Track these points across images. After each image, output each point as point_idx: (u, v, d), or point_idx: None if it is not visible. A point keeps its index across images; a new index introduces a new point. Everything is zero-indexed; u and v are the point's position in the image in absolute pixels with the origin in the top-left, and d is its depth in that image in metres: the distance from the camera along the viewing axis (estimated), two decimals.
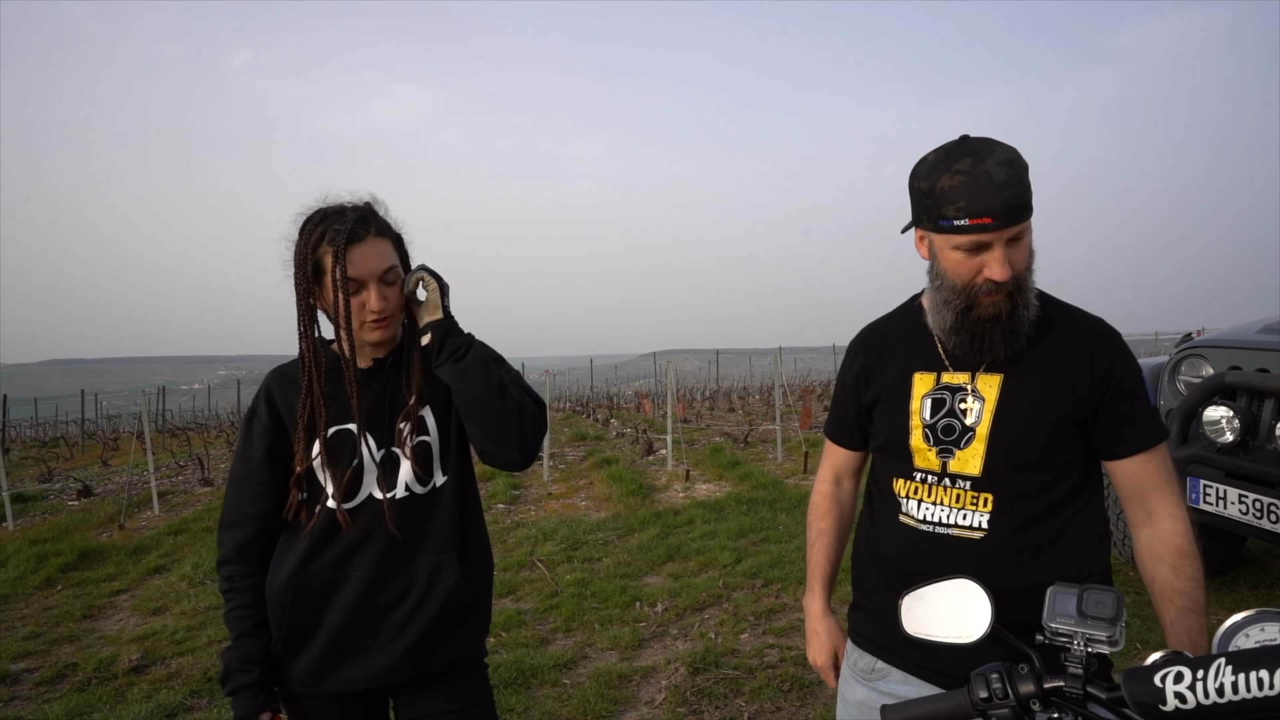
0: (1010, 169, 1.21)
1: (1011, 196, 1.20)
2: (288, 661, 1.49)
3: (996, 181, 1.20)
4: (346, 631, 1.46)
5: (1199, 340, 3.86)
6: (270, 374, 1.56)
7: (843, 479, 1.60)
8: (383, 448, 1.48)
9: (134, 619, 4.89)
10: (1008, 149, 1.23)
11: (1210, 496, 3.31)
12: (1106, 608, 1.00)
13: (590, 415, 19.76)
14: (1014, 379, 1.31)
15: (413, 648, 1.47)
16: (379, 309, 1.43)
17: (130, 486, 9.48)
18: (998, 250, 1.23)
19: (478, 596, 1.56)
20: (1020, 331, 1.28)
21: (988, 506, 1.31)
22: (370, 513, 1.47)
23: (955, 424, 1.33)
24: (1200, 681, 0.80)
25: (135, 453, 10.96)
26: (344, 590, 1.46)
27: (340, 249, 1.39)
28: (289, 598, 1.46)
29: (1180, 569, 1.28)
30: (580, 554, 5.69)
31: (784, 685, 3.31)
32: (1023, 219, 1.23)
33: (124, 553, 6.51)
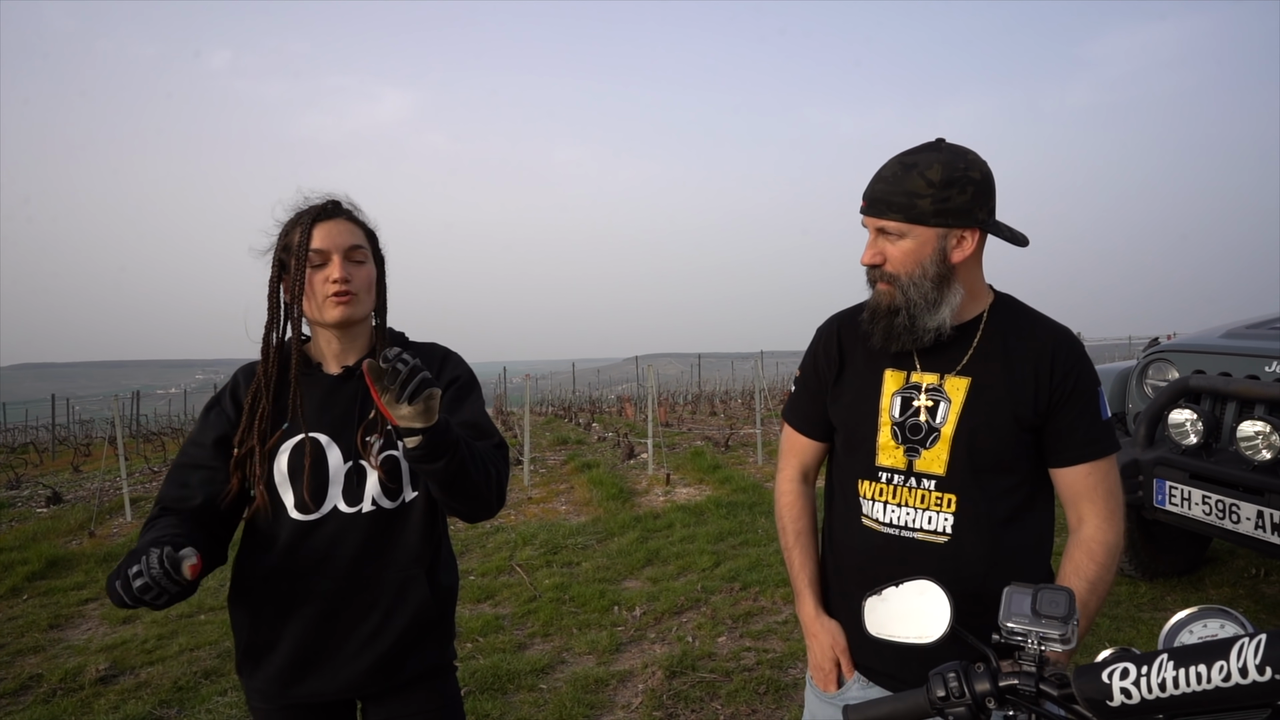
0: (902, 170, 1.27)
1: (883, 191, 1.29)
2: (249, 672, 1.46)
3: (882, 174, 1.30)
4: (311, 644, 1.44)
5: (1165, 345, 3.94)
6: (240, 369, 1.54)
7: (808, 474, 1.59)
8: (349, 459, 1.45)
9: (103, 628, 4.81)
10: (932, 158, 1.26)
11: (1176, 498, 3.38)
12: (1059, 607, 1.03)
13: (572, 419, 19.73)
14: (980, 382, 1.33)
15: (380, 660, 1.45)
16: (340, 277, 1.40)
17: (102, 493, 9.31)
18: (870, 236, 1.33)
19: (445, 607, 1.55)
20: (920, 328, 1.31)
21: (951, 508, 1.33)
22: (335, 525, 1.43)
23: (922, 423, 1.35)
24: (1144, 677, 0.83)
25: (108, 458, 10.77)
26: (306, 603, 1.43)
27: (308, 224, 1.41)
28: (251, 608, 1.44)
29: (1082, 569, 1.31)
30: (559, 558, 5.68)
31: (760, 688, 3.33)
32: (881, 214, 1.29)
33: (94, 560, 6.40)
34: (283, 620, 1.44)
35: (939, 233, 1.28)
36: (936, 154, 1.27)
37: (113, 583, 1.23)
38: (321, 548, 1.43)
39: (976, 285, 1.37)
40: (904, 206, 1.27)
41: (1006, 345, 1.35)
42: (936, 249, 1.28)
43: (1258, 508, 3.05)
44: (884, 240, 1.31)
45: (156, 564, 1.19)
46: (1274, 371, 3.26)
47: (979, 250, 1.34)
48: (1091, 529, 1.33)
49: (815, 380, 1.51)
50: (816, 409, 1.51)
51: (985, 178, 1.28)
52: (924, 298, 1.30)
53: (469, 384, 1.57)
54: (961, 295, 1.32)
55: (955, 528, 1.33)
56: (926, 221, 1.27)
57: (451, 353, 1.62)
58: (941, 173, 1.25)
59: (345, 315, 1.43)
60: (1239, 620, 0.92)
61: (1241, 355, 3.42)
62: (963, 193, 1.26)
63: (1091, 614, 1.30)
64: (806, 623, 1.53)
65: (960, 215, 1.27)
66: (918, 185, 1.26)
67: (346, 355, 1.51)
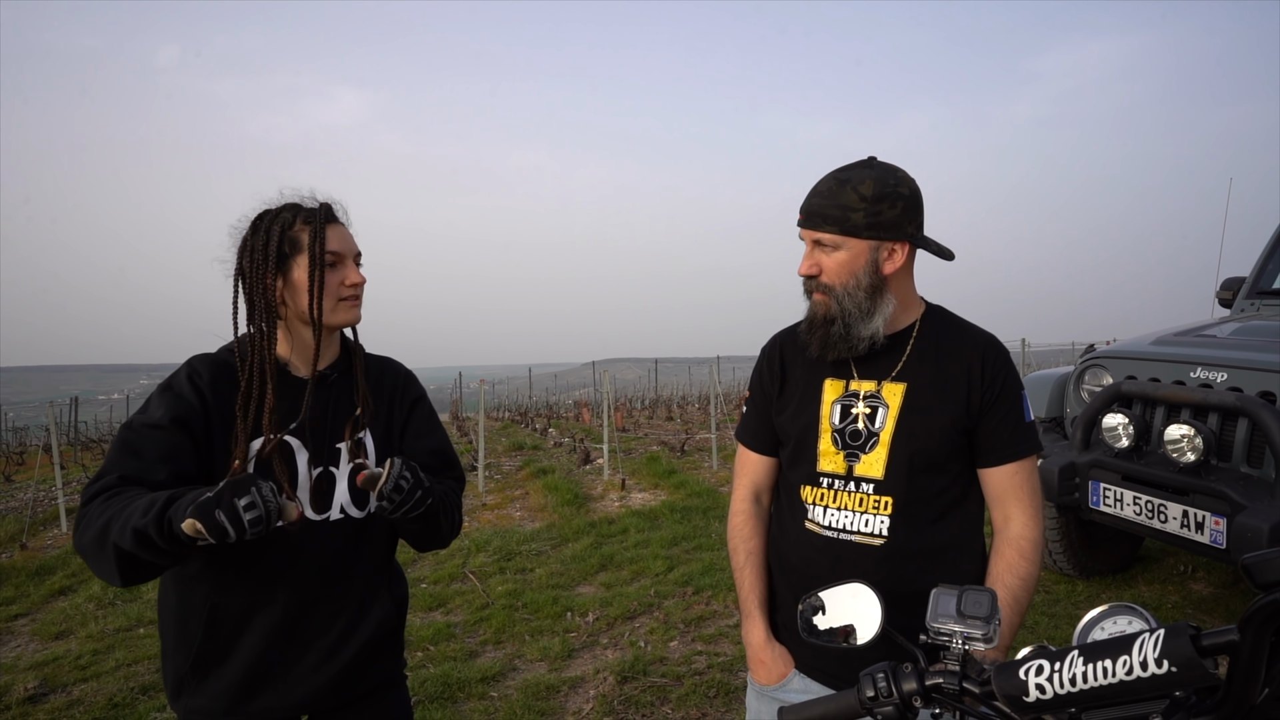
0: (836, 185, 1.33)
1: (818, 205, 1.34)
2: (194, 687, 1.37)
3: (818, 189, 1.35)
4: (267, 657, 1.36)
5: (1100, 351, 4.09)
6: (196, 357, 1.41)
7: (761, 495, 1.60)
8: (318, 465, 1.40)
9: (33, 645, 4.61)
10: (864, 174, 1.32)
11: (1109, 499, 3.51)
12: (983, 607, 1.06)
13: (529, 425, 19.60)
14: (914, 388, 1.39)
15: (339, 675, 1.40)
16: (359, 280, 1.42)
17: (35, 503, 8.94)
18: (807, 248, 1.39)
19: (401, 615, 1.53)
20: (854, 337, 1.37)
21: (887, 510, 1.38)
22: (301, 534, 1.35)
23: (861, 429, 1.40)
24: (1057, 673, 0.86)
25: (42, 467, 10.32)
26: (266, 613, 1.36)
27: (319, 224, 1.39)
28: (205, 617, 1.35)
29: (1015, 567, 1.37)
30: (513, 565, 5.63)
31: (710, 691, 3.35)
32: (816, 226, 1.34)
33: (25, 574, 6.13)
34: (238, 632, 1.36)
35: (871, 245, 1.34)
36: (869, 170, 1.33)
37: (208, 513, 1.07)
38: (285, 555, 1.36)
39: (908, 296, 1.42)
40: (838, 219, 1.32)
41: (938, 352, 1.41)
42: (869, 260, 1.34)
43: (1183, 508, 3.19)
44: (820, 252, 1.37)
45: (271, 496, 1.11)
46: (1198, 377, 3.41)
47: (909, 262, 1.40)
48: (1019, 526, 1.39)
49: (761, 397, 1.55)
50: (765, 425, 1.55)
51: (914, 194, 1.35)
52: (858, 307, 1.35)
53: (429, 406, 1.59)
54: (894, 305, 1.38)
55: (891, 529, 1.37)
56: (859, 234, 1.32)
57: (411, 373, 1.62)
58: (873, 188, 1.31)
59: (357, 318, 1.45)
60: (1144, 616, 0.96)
61: (1169, 361, 3.58)
62: (893, 207, 1.32)
63: (1026, 608, 1.36)
64: (756, 647, 1.51)
65: (891, 229, 1.33)
66: (851, 199, 1.31)
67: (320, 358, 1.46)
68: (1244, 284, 4.58)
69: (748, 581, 1.54)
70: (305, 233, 1.38)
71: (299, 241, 1.38)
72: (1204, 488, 3.13)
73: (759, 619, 1.52)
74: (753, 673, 1.53)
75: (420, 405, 1.58)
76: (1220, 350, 3.50)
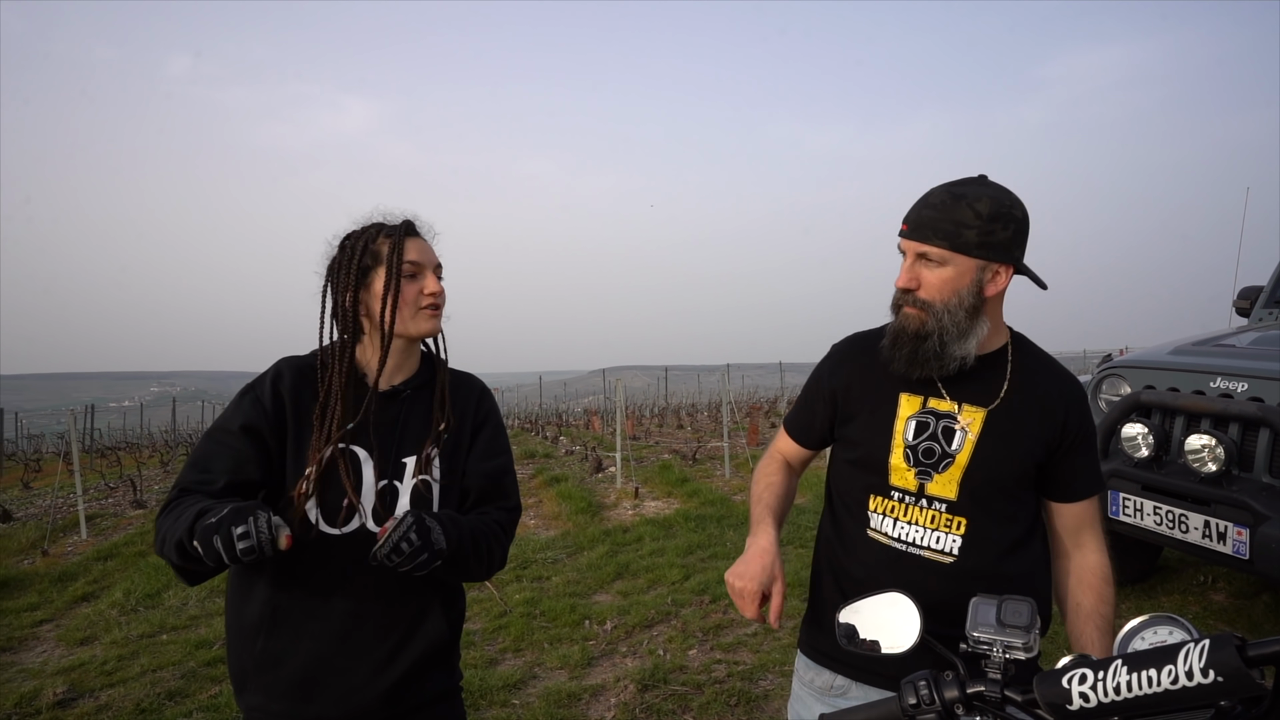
0: (951, 199, 1.31)
1: (930, 217, 1.31)
2: (256, 685, 1.39)
3: (929, 200, 1.33)
4: (324, 663, 1.38)
5: (1118, 361, 4.10)
6: (283, 360, 1.47)
7: (791, 463, 1.63)
8: (383, 479, 1.42)
9: (59, 650, 4.66)
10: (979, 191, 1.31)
11: (1129, 508, 3.52)
12: (1022, 616, 1.09)
13: (539, 432, 19.64)
14: (995, 416, 1.38)
15: (391, 689, 1.41)
16: (437, 290, 1.45)
17: (55, 510, 9.02)
18: (908, 259, 1.36)
19: (456, 634, 1.53)
20: (948, 356, 1.34)
21: (960, 530, 1.37)
22: (361, 543, 1.37)
23: (936, 448, 1.39)
24: (1101, 682, 0.89)
25: (61, 474, 10.44)
26: (324, 619, 1.38)
27: (399, 237, 1.43)
28: (268, 615, 1.38)
29: (1104, 595, 1.40)
30: (529, 573, 5.66)
31: (731, 700, 3.37)
32: (926, 239, 1.32)
33: (48, 580, 6.20)
34: (296, 635, 1.38)
35: (979, 264, 1.31)
36: (984, 188, 1.31)
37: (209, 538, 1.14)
38: (345, 564, 1.38)
39: (998, 320, 1.42)
40: (950, 234, 1.29)
41: (1023, 380, 1.40)
42: (974, 280, 1.32)
43: (1205, 518, 3.19)
44: (922, 265, 1.34)
45: (265, 527, 1.14)
46: (1218, 387, 3.41)
47: (1006, 287, 1.37)
48: (1098, 555, 1.43)
49: (818, 396, 1.54)
50: (812, 421, 1.55)
51: (1025, 218, 1.33)
52: (956, 326, 1.33)
53: (500, 427, 1.57)
54: (988, 328, 1.37)
55: (963, 550, 1.37)
56: (970, 252, 1.30)
57: (487, 391, 1.61)
58: (990, 207, 1.29)
59: (437, 328, 1.48)
60: (1186, 626, 0.99)
61: (1188, 371, 3.58)
62: (1005, 229, 1.30)
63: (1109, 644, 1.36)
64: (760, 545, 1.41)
65: (1000, 250, 1.31)
66: (966, 215, 1.29)
67: (395, 373, 1.49)
68: (1261, 293, 4.58)
69: (763, 499, 1.52)
70: (385, 244, 1.43)
71: (379, 254, 1.43)
72: (1226, 498, 3.13)
73: (769, 524, 1.47)
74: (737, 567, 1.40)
75: (487, 426, 1.56)
76: (1240, 360, 3.50)
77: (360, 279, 1.43)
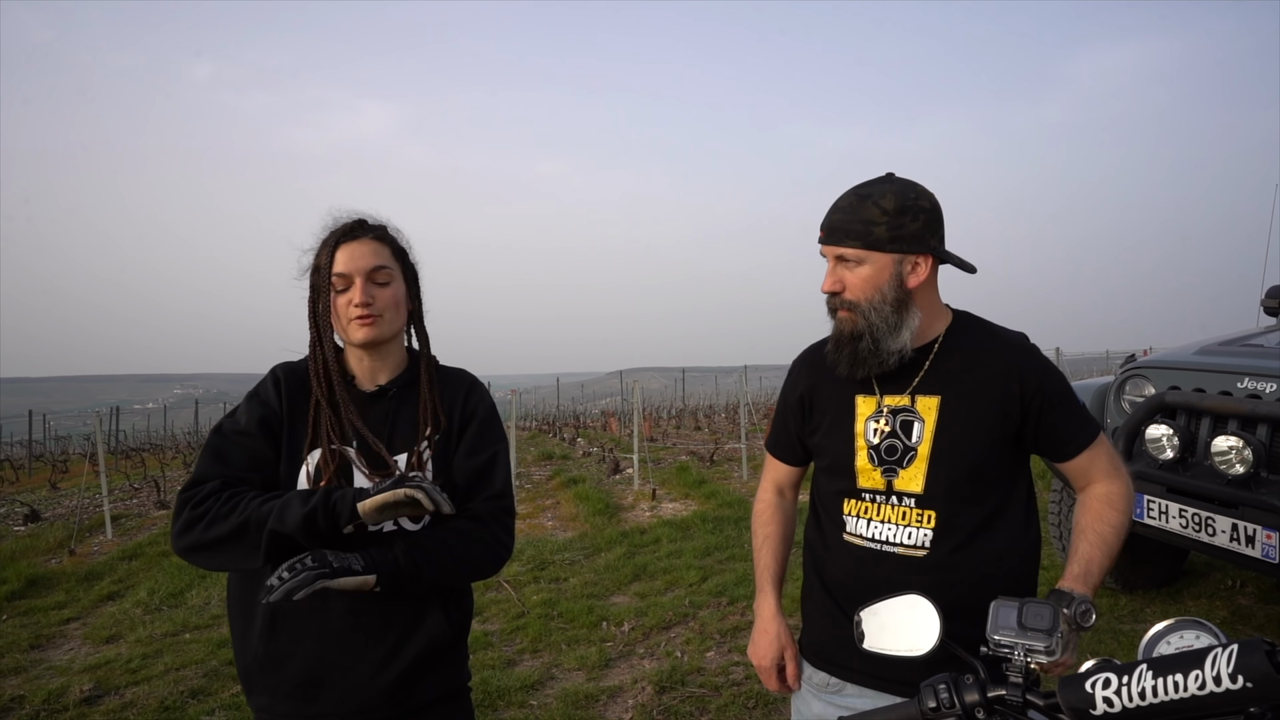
0: (857, 200, 1.35)
1: (840, 220, 1.36)
2: (261, 687, 1.43)
3: (839, 205, 1.37)
4: (325, 663, 1.41)
5: (1142, 361, 4.03)
6: (279, 365, 1.52)
7: (784, 490, 1.66)
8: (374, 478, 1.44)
9: (85, 648, 4.74)
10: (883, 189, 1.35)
11: (1154, 511, 3.46)
12: (1044, 620, 1.08)
13: (556, 434, 19.69)
14: (949, 400, 1.40)
15: (392, 686, 1.43)
16: (360, 300, 1.43)
17: (81, 510, 9.17)
18: (830, 264, 1.40)
19: (459, 634, 1.54)
20: (884, 352, 1.37)
21: (930, 523, 1.39)
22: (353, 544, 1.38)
23: (898, 444, 1.41)
24: (1125, 686, 0.87)
25: (87, 475, 10.62)
26: (322, 620, 1.41)
27: (331, 246, 1.44)
28: (268, 619, 1.41)
29: (1101, 514, 1.40)
30: (547, 574, 5.67)
31: (749, 702, 3.35)
32: (839, 242, 1.36)
33: (74, 579, 6.31)
34: (297, 636, 1.41)
35: (895, 259, 1.35)
36: (889, 185, 1.35)
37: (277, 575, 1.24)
38: None
39: (934, 308, 1.44)
40: (861, 234, 1.34)
41: (968, 360, 1.41)
42: (893, 274, 1.36)
43: (1232, 521, 3.13)
44: (843, 268, 1.38)
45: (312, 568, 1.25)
46: (1245, 388, 3.35)
47: (933, 276, 1.41)
48: (1104, 485, 1.42)
49: (787, 412, 1.59)
50: (790, 438, 1.60)
51: (934, 207, 1.37)
52: (885, 321, 1.36)
53: (488, 420, 1.55)
54: (920, 318, 1.39)
55: (934, 541, 1.39)
56: (883, 248, 1.34)
57: (477, 383, 1.61)
58: (894, 201, 1.33)
59: (368, 337, 1.45)
60: (1213, 631, 0.97)
61: (1215, 371, 3.52)
62: (915, 220, 1.34)
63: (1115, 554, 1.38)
64: (761, 619, 1.55)
65: (913, 241, 1.35)
66: (873, 214, 1.33)
67: (378, 373, 1.52)
68: None
69: (763, 560, 1.59)
70: (324, 254, 1.46)
71: (320, 267, 1.46)
72: (1254, 500, 3.07)
73: (769, 593, 1.57)
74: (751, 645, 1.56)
75: (474, 422, 1.55)
76: (1269, 360, 3.44)
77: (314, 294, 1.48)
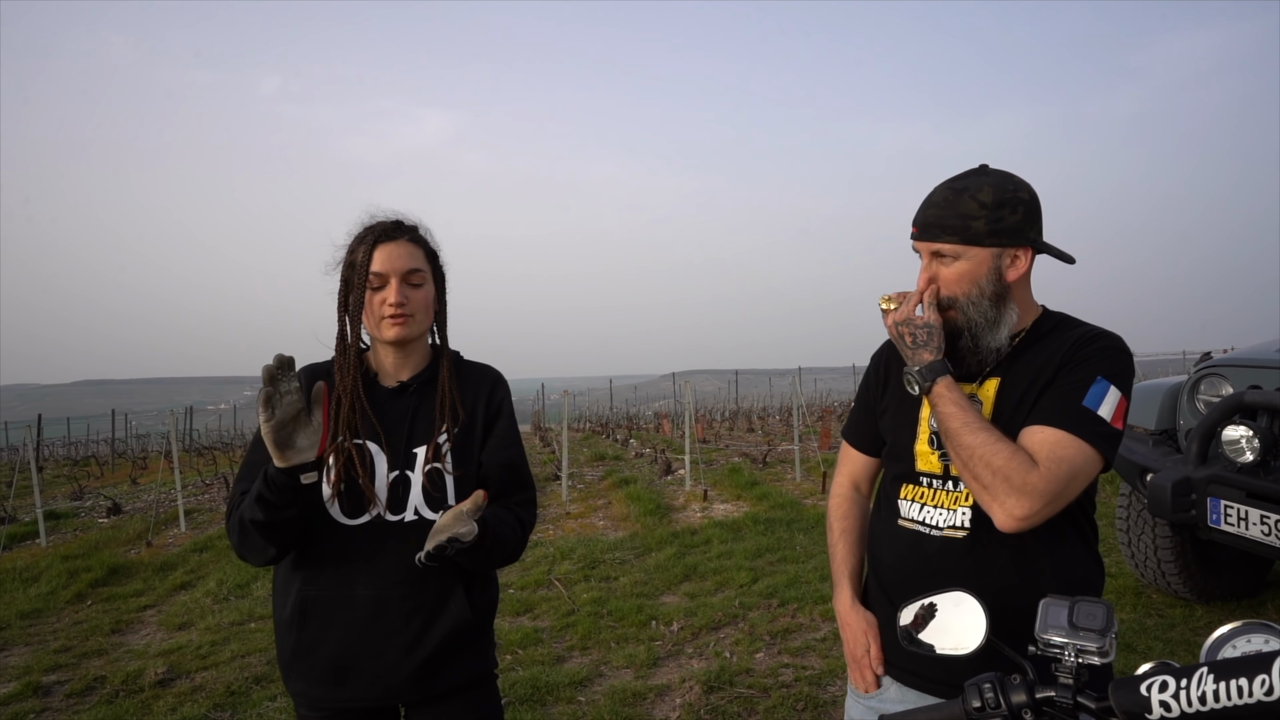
0: (953, 194, 1.30)
1: (935, 215, 1.31)
2: (296, 672, 1.50)
3: (933, 200, 1.33)
4: (353, 648, 1.46)
5: (1217, 359, 3.83)
6: (304, 368, 1.58)
7: (860, 484, 1.63)
8: (395, 469, 1.49)
9: (160, 634, 4.99)
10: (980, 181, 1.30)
11: (1231, 518, 3.27)
12: (1097, 619, 1.03)
13: (610, 435, 19.78)
14: (1007, 382, 1.35)
15: (420, 668, 1.47)
16: (395, 301, 1.48)
17: (158, 504, 9.65)
18: (924, 260, 1.36)
19: (484, 619, 1.57)
20: (983, 349, 1.34)
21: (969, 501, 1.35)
22: (378, 532, 1.47)
23: None
24: (1184, 690, 0.83)
25: (163, 471, 11.17)
26: (351, 608, 1.46)
27: (370, 245, 1.49)
28: (299, 608, 1.47)
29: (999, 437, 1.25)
30: (597, 573, 5.70)
31: (798, 705, 3.30)
32: (935, 238, 1.31)
33: (151, 569, 6.64)
34: (326, 623, 1.47)
35: (994, 253, 1.31)
36: (985, 178, 1.31)
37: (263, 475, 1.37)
38: (365, 553, 1.47)
39: (1027, 303, 1.39)
40: (959, 229, 1.29)
41: (1043, 345, 1.35)
42: (992, 269, 1.32)
43: None
44: (938, 264, 1.34)
45: None
46: None
47: (1029, 269, 1.36)
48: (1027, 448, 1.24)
49: (866, 399, 1.58)
50: (868, 426, 1.57)
51: (1033, 198, 1.32)
52: (983, 317, 1.32)
53: (512, 419, 1.62)
54: (1017, 313, 1.35)
55: (974, 520, 1.34)
56: (981, 242, 1.30)
57: (501, 379, 1.66)
58: (992, 194, 1.29)
59: (400, 335, 1.51)
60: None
61: None
62: (1014, 213, 1.30)
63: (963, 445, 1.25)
64: (841, 613, 1.54)
65: (1013, 235, 1.30)
66: (970, 208, 1.29)
67: (401, 370, 1.57)
68: None
69: (839, 554, 1.58)
70: (360, 252, 1.50)
71: (355, 263, 1.50)
72: None
73: (845, 587, 1.54)
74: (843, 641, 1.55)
75: (501, 418, 1.61)
76: None
77: (345, 287, 1.52)
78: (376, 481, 1.48)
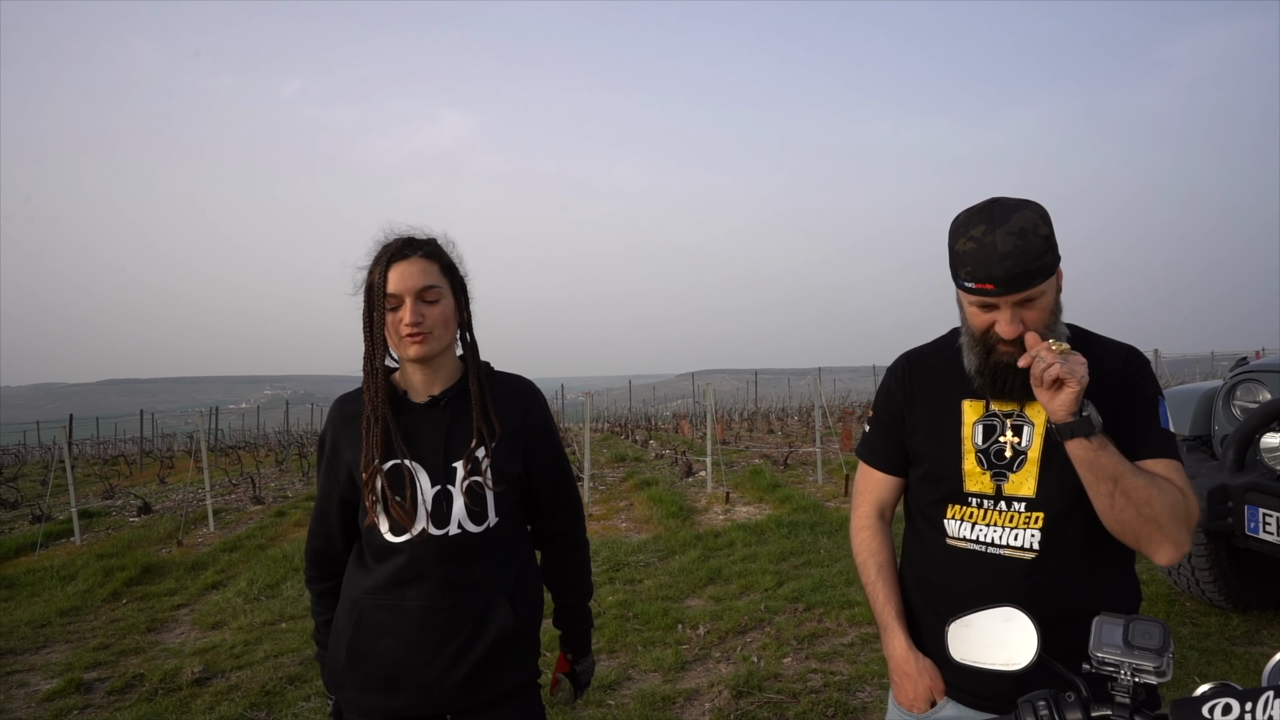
0: (1019, 239, 1.26)
1: (1014, 267, 1.26)
2: (349, 681, 1.54)
3: (1000, 252, 1.27)
4: (403, 659, 1.50)
5: (1254, 365, 3.78)
6: (335, 402, 1.64)
7: (884, 511, 1.59)
8: (436, 484, 1.52)
9: (194, 632, 5.08)
10: (1027, 216, 1.28)
11: (1270, 526, 3.23)
12: (1153, 638, 1.03)
13: (629, 436, 19.80)
14: None
15: (467, 679, 1.51)
16: (410, 321, 1.48)
17: (187, 504, 9.81)
18: (1005, 311, 1.31)
19: (528, 628, 1.60)
20: None
21: (1038, 524, 1.36)
22: (425, 546, 1.50)
23: (1009, 448, 1.39)
24: (1249, 714, 0.83)
25: (191, 471, 11.35)
26: (401, 619, 1.50)
27: (384, 266, 1.50)
28: (355, 616, 1.53)
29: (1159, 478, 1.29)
30: (622, 575, 5.73)
31: (828, 710, 3.30)
32: (1026, 286, 1.28)
33: (183, 568, 6.76)
34: (382, 634, 1.52)
35: (1056, 276, 1.34)
36: (1026, 210, 1.30)
37: None
38: (413, 567, 1.51)
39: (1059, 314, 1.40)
40: (1041, 270, 1.29)
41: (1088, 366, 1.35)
42: (1056, 290, 1.35)
43: None
44: (1022, 309, 1.32)
45: None
46: None
47: None
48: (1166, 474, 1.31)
49: (889, 417, 1.54)
50: (892, 445, 1.53)
51: None
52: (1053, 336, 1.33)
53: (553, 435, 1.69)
54: None
55: (1043, 542, 1.35)
56: (1053, 271, 1.32)
57: (538, 394, 1.69)
58: (1044, 225, 1.30)
59: (420, 353, 1.52)
60: None
61: None
62: (1053, 233, 1.31)
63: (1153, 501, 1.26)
64: (899, 660, 1.47)
65: (1058, 256, 1.33)
66: (1039, 245, 1.28)
67: (432, 385, 1.59)
68: None
69: (882, 594, 1.51)
70: (375, 273, 1.52)
71: (372, 284, 1.53)
72: None
73: (898, 630, 1.47)
74: (896, 689, 1.49)
75: (543, 433, 1.65)
76: None
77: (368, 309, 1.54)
78: (419, 497, 1.51)
